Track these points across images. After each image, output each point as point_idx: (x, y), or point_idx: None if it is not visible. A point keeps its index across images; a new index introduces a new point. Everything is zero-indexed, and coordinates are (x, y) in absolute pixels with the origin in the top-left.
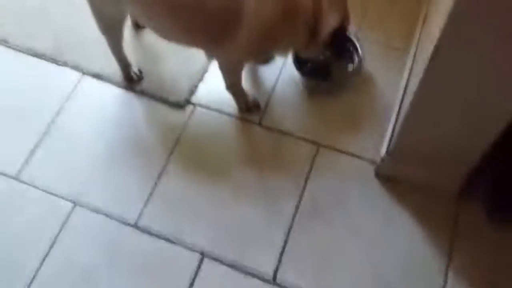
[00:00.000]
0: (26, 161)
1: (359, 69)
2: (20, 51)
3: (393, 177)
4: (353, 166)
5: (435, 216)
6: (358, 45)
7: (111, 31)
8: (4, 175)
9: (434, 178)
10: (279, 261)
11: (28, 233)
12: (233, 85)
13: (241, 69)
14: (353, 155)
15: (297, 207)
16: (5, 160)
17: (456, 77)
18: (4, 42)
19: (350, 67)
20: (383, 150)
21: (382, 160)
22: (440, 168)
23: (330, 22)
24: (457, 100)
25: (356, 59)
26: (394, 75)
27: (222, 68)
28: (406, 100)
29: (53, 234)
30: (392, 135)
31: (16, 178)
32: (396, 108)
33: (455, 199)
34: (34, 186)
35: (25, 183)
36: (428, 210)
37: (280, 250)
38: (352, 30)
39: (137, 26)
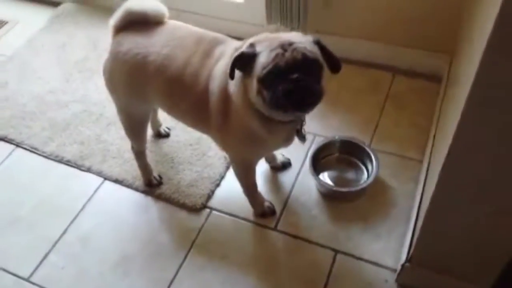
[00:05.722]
0: (40, 264)
1: (373, 178)
2: (48, 158)
3: (415, 286)
4: (373, 274)
5: None
6: (372, 156)
7: (137, 133)
8: (17, 276)
9: (459, 285)
10: None
11: None
12: (246, 188)
13: (251, 170)
14: (372, 262)
15: None
16: (20, 262)
17: (471, 180)
18: (35, 150)
19: (366, 176)
20: (403, 258)
21: (403, 267)
22: (465, 275)
23: None
24: (477, 202)
25: (370, 169)
26: (407, 183)
27: (233, 167)
28: (423, 207)
29: None
30: (411, 242)
31: (27, 280)
32: (414, 215)
33: None
34: None
35: (36, 285)
36: None
37: None
38: (366, 143)
39: (159, 135)
